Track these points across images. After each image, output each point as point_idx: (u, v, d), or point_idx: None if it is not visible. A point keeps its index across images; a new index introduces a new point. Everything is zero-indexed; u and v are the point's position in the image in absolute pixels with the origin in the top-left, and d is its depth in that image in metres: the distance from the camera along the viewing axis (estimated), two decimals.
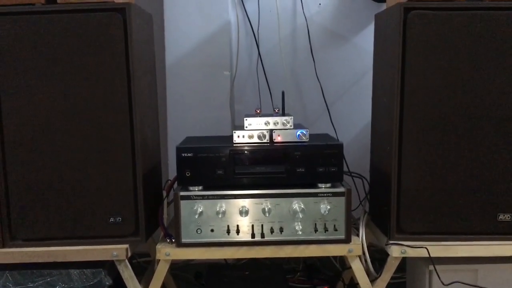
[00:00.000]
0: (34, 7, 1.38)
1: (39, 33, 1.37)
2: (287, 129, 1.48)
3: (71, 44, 1.37)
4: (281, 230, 1.43)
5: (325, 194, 1.43)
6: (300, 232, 1.42)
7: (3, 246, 1.44)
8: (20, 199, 1.42)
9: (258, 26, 2.06)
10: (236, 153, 1.44)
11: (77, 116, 1.40)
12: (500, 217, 1.42)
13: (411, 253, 1.42)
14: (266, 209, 1.42)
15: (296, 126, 1.51)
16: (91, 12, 1.37)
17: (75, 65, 1.38)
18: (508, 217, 1.42)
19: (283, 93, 1.56)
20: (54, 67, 1.38)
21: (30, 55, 1.37)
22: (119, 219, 1.43)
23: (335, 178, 1.45)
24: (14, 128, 1.40)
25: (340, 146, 1.45)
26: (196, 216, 1.41)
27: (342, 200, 1.43)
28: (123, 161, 1.41)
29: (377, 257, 1.67)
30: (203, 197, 1.42)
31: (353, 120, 2.12)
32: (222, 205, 1.42)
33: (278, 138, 1.47)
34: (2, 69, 1.38)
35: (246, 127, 1.48)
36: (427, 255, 1.40)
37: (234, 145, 1.46)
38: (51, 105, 1.39)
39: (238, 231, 1.43)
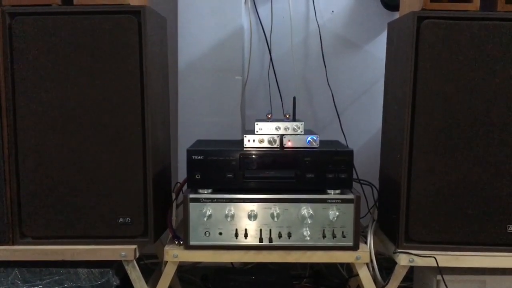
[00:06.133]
0: (50, 7, 1.40)
1: (55, 34, 1.38)
2: (297, 134, 1.48)
3: (86, 45, 1.39)
4: (289, 235, 1.43)
5: (334, 201, 1.43)
6: (308, 238, 1.42)
7: (13, 244, 1.45)
8: (31, 198, 1.44)
9: (271, 32, 2.07)
10: (246, 157, 1.45)
11: (90, 116, 1.41)
12: (510, 228, 1.41)
13: (419, 262, 1.42)
14: (275, 213, 1.42)
15: (307, 132, 1.51)
16: (107, 14, 1.38)
17: (89, 66, 1.40)
18: None
19: (294, 99, 1.56)
20: (68, 67, 1.40)
21: (46, 54, 1.39)
22: (128, 220, 1.44)
23: (344, 185, 1.45)
24: (27, 127, 1.41)
25: (350, 153, 1.45)
26: (205, 219, 1.42)
27: (351, 207, 1.43)
28: (134, 162, 1.43)
29: (385, 266, 1.67)
30: (212, 200, 1.43)
31: (363, 127, 2.12)
32: (231, 208, 1.43)
33: (288, 144, 1.48)
34: (18, 68, 1.40)
35: (257, 131, 1.48)
36: (435, 265, 1.40)
37: (244, 149, 1.46)
38: (65, 105, 1.41)
39: (246, 235, 1.43)
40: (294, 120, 1.52)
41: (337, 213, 1.42)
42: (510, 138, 1.38)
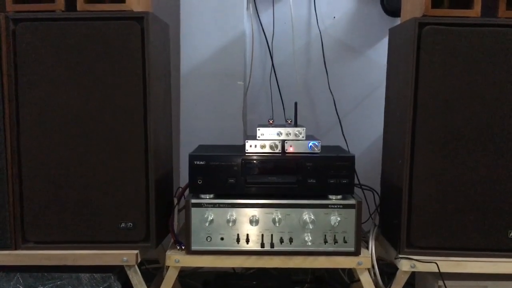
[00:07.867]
0: (54, 14, 1.41)
1: (58, 39, 1.39)
2: (299, 140, 1.49)
3: (90, 51, 1.40)
4: (291, 240, 1.43)
5: (335, 206, 1.43)
6: (309, 243, 1.43)
7: (15, 248, 1.46)
8: (33, 202, 1.44)
9: (273, 38, 2.08)
10: (248, 162, 1.45)
11: (93, 121, 1.42)
12: (511, 234, 1.41)
13: (421, 267, 1.42)
14: (277, 219, 1.42)
15: (308, 137, 1.51)
16: (110, 20, 1.39)
17: (92, 72, 1.40)
18: None
19: (295, 104, 1.57)
20: (72, 73, 1.41)
21: (50, 60, 1.40)
22: (130, 225, 1.45)
23: (346, 190, 1.45)
24: (30, 132, 1.42)
25: (351, 158, 1.45)
26: (207, 224, 1.42)
27: (352, 212, 1.43)
28: (136, 167, 1.43)
29: (386, 271, 1.67)
30: (214, 205, 1.43)
31: (364, 133, 2.12)
32: (233, 213, 1.43)
33: (290, 149, 1.48)
34: (22, 73, 1.41)
35: (259, 137, 1.49)
36: (437, 270, 1.40)
37: (246, 154, 1.47)
38: (67, 111, 1.42)
39: (247, 240, 1.44)
40: (295, 125, 1.53)
41: (339, 219, 1.42)
42: (511, 145, 1.39)
